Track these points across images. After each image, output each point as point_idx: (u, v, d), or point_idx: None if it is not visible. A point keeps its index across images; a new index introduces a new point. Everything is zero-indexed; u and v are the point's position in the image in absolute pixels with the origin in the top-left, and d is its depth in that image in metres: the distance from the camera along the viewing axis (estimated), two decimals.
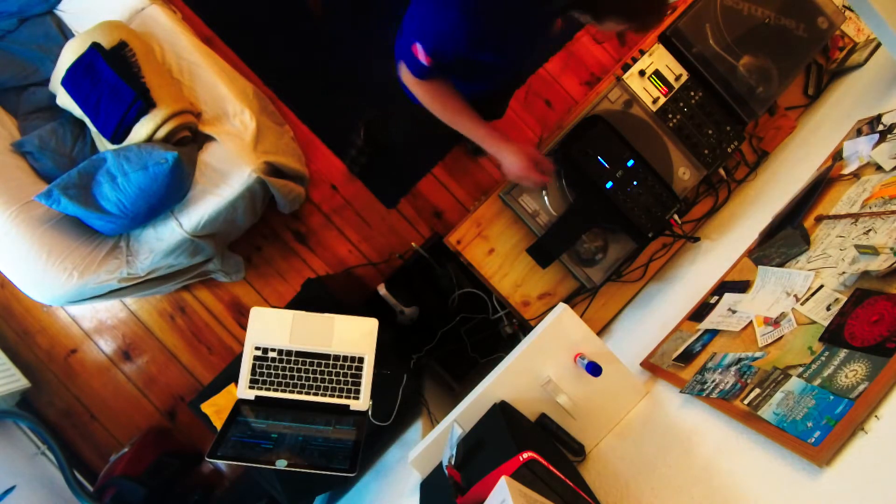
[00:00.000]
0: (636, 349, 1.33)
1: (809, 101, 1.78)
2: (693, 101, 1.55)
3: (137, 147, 1.61)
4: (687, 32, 1.53)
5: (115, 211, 1.63)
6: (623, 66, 1.55)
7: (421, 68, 1.14)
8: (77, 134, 1.80)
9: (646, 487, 0.92)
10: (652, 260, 1.64)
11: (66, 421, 2.15)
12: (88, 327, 2.17)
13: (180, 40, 1.81)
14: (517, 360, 1.10)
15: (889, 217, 0.96)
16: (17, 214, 1.66)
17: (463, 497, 0.85)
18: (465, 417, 1.09)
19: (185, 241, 1.72)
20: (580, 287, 1.60)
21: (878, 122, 1.24)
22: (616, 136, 1.50)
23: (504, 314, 1.80)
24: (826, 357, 0.83)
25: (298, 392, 1.41)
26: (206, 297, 2.17)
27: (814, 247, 1.08)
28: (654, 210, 1.49)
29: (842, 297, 0.90)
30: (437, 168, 2.18)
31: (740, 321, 1.08)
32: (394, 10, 1.77)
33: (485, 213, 1.59)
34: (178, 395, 2.16)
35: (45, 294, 1.69)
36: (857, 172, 1.16)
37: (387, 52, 1.38)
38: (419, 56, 1.11)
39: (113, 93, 1.62)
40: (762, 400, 0.85)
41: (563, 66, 2.21)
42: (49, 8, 1.84)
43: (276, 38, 2.19)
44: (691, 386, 1.02)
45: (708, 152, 1.55)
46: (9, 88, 1.83)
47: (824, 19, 1.56)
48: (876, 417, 0.70)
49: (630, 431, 1.11)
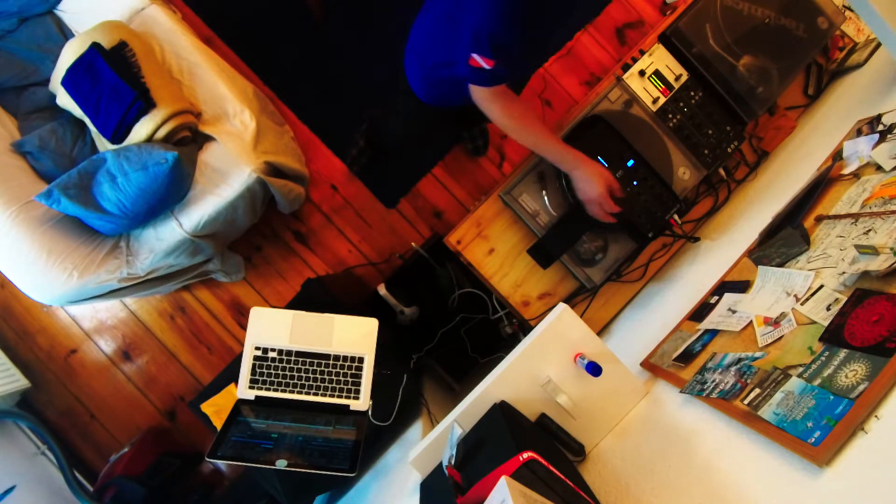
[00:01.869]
0: (636, 349, 1.33)
1: (809, 101, 1.78)
2: (693, 101, 1.55)
3: (137, 147, 1.61)
4: (687, 32, 1.53)
5: (115, 211, 1.63)
6: (623, 66, 1.55)
7: (488, 75, 1.10)
8: (77, 134, 1.80)
9: (646, 487, 0.92)
10: (652, 260, 1.64)
11: (66, 421, 2.15)
12: (88, 327, 2.17)
13: (180, 40, 1.81)
14: (517, 360, 1.10)
15: (889, 217, 0.96)
16: (17, 214, 1.66)
17: (463, 497, 0.85)
18: (465, 417, 1.09)
19: (185, 241, 1.72)
20: (580, 287, 1.60)
21: (878, 122, 1.24)
22: (616, 136, 1.50)
23: (504, 314, 1.80)
24: (826, 357, 0.83)
25: (298, 392, 1.41)
26: (206, 297, 2.17)
27: (814, 247, 1.08)
28: (654, 210, 1.49)
29: (842, 297, 0.90)
30: (437, 168, 2.18)
31: (740, 321, 1.08)
32: (394, 11, 1.77)
33: (485, 213, 1.59)
34: (178, 395, 2.16)
35: (45, 294, 1.69)
36: (857, 172, 1.16)
37: (387, 53, 1.38)
38: (482, 65, 1.07)
39: (113, 93, 1.62)
40: (762, 400, 0.85)
41: (563, 66, 2.21)
42: (49, 8, 1.84)
43: (276, 39, 2.19)
44: (691, 386, 1.02)
45: (708, 152, 1.55)
46: (9, 88, 1.83)
47: (824, 19, 1.56)
48: (876, 417, 0.70)
49: (630, 431, 1.11)
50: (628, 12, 2.22)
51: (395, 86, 1.32)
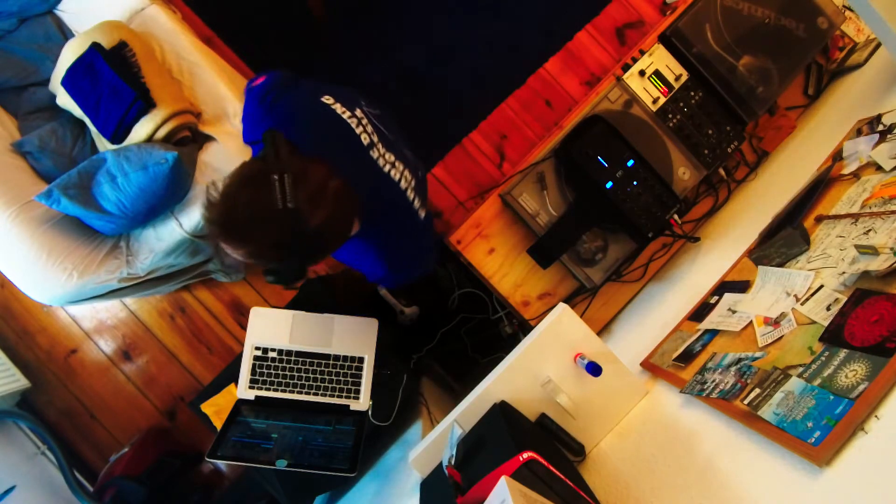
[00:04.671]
0: (636, 349, 1.33)
1: (809, 101, 1.78)
2: (693, 101, 1.55)
3: (137, 147, 1.61)
4: (687, 32, 1.53)
5: (115, 211, 1.63)
6: (623, 66, 1.55)
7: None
8: (77, 134, 1.80)
9: (646, 487, 0.92)
10: (652, 260, 1.64)
11: (66, 421, 2.15)
12: (88, 327, 2.17)
13: (180, 40, 1.80)
14: (517, 360, 1.10)
15: (889, 217, 0.96)
16: (17, 214, 1.65)
17: (463, 497, 0.85)
18: (465, 417, 1.09)
19: (185, 241, 1.72)
20: (580, 287, 1.60)
21: (878, 122, 1.24)
22: (616, 136, 1.50)
23: (504, 314, 1.80)
24: (826, 357, 0.83)
25: (298, 392, 1.41)
26: (206, 297, 2.16)
27: (814, 247, 1.08)
28: (654, 210, 1.49)
29: (842, 297, 0.90)
30: (437, 168, 2.18)
31: (740, 321, 1.08)
32: (395, 12, 1.78)
33: (485, 213, 1.59)
34: (178, 395, 2.16)
35: (45, 294, 1.68)
36: (857, 172, 1.16)
37: (387, 53, 1.38)
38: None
39: (113, 93, 1.62)
40: (762, 400, 0.85)
41: (563, 66, 2.21)
42: (49, 8, 1.83)
43: (277, 39, 2.19)
44: (691, 386, 1.02)
45: (708, 152, 1.55)
46: (9, 88, 1.82)
47: (824, 19, 1.56)
48: (876, 417, 0.70)
49: (630, 431, 1.11)
50: (628, 12, 2.21)
51: (394, 86, 1.32)
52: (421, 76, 2.19)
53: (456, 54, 2.20)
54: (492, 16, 2.20)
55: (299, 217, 0.87)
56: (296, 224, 0.87)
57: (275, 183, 0.86)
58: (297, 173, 0.88)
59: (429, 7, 2.19)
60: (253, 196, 0.88)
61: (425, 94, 2.19)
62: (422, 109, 2.17)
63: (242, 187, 0.89)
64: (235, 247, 0.91)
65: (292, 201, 0.85)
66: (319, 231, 0.91)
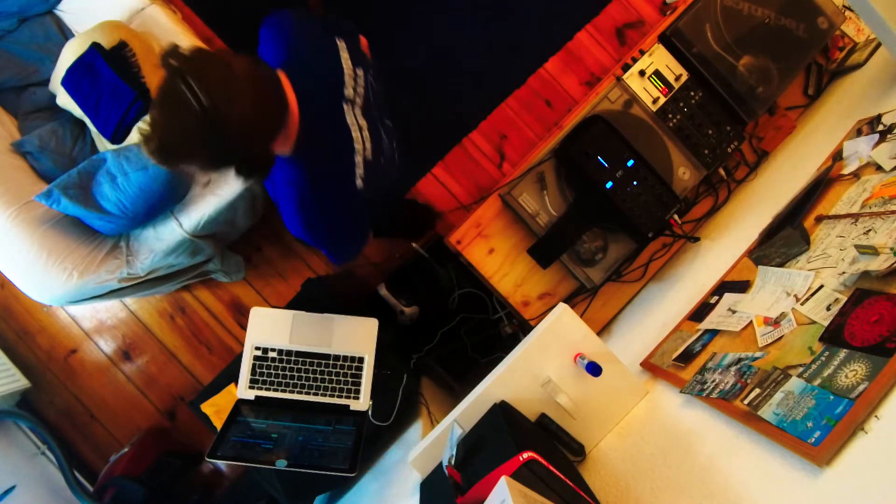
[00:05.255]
0: (636, 349, 1.33)
1: (809, 101, 1.78)
2: (693, 101, 1.55)
3: (137, 147, 1.61)
4: (687, 32, 1.53)
5: (115, 211, 1.63)
6: (623, 66, 1.55)
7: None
8: (77, 134, 1.80)
9: (646, 487, 0.92)
10: (652, 260, 1.64)
11: (66, 421, 2.15)
12: (88, 327, 2.17)
13: (180, 40, 1.80)
14: (517, 360, 1.10)
15: (889, 217, 0.96)
16: (17, 214, 1.65)
17: (463, 497, 0.85)
18: (465, 417, 1.09)
19: (185, 241, 1.72)
20: (580, 287, 1.60)
21: (878, 122, 1.24)
22: (616, 136, 1.50)
23: (504, 314, 1.80)
24: (826, 357, 0.83)
25: (298, 392, 1.41)
26: (206, 297, 2.16)
27: (814, 247, 1.08)
28: (654, 210, 1.49)
29: (842, 297, 0.90)
30: (437, 168, 2.18)
31: (740, 321, 1.08)
32: (394, 10, 1.77)
33: (485, 213, 1.59)
34: (178, 395, 2.16)
35: (45, 294, 1.68)
36: (857, 172, 1.16)
37: (387, 54, 1.38)
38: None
39: (113, 93, 1.62)
40: (762, 400, 0.85)
41: (563, 66, 2.21)
42: (49, 8, 1.84)
43: None
44: (691, 386, 1.02)
45: (708, 152, 1.55)
46: (9, 88, 1.82)
47: (824, 19, 1.56)
48: (876, 417, 0.70)
49: (630, 431, 1.11)
50: (628, 12, 2.21)
51: (394, 87, 1.32)
52: (421, 76, 2.19)
53: (456, 54, 2.20)
54: (492, 16, 2.20)
55: (218, 111, 0.85)
56: (219, 119, 0.86)
57: (181, 88, 0.84)
58: (196, 69, 0.86)
59: (429, 7, 2.19)
60: (172, 112, 0.87)
61: (425, 94, 2.19)
62: (422, 109, 2.17)
63: (160, 109, 0.88)
64: (187, 165, 0.93)
65: (205, 97, 0.84)
66: (245, 114, 0.89)
